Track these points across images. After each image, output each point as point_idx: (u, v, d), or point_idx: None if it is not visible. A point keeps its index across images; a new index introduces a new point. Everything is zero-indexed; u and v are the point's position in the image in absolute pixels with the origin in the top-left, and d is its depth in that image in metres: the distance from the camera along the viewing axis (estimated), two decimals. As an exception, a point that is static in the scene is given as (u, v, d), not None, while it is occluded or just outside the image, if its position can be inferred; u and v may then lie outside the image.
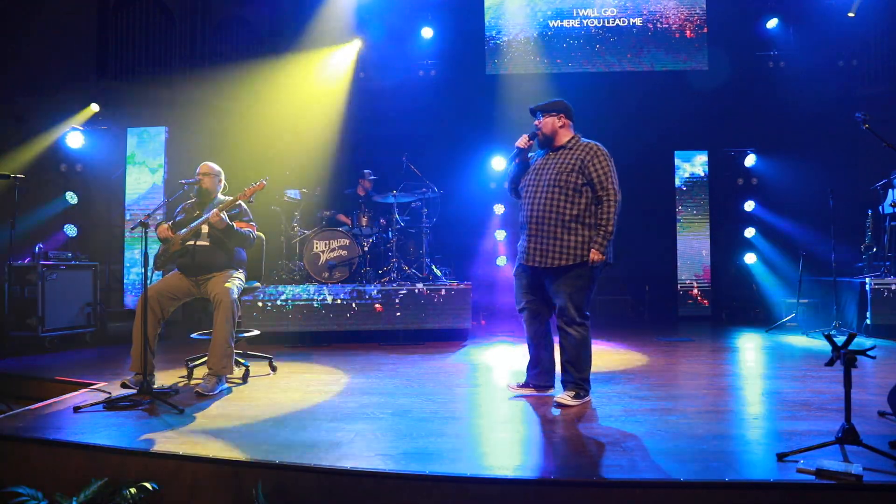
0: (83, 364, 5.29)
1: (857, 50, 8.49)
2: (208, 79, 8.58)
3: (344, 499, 2.64)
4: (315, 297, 6.34)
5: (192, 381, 4.39)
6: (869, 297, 6.37)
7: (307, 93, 8.76)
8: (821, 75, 8.37)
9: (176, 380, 4.49)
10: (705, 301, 8.41)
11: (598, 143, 3.80)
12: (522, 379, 4.04)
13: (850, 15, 8.02)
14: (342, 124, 8.85)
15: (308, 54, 8.81)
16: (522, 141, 3.89)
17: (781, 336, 6.55)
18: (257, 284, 4.86)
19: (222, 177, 4.62)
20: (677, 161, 8.56)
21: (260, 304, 6.28)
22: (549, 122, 3.83)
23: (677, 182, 8.55)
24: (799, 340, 6.23)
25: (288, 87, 8.69)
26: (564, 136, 3.85)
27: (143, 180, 7.61)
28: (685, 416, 3.44)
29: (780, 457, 2.64)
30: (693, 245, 8.48)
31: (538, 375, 3.94)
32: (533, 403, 3.84)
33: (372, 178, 7.49)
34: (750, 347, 6.05)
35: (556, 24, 8.80)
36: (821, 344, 5.83)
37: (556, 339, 3.84)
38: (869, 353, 2.69)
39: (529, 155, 3.98)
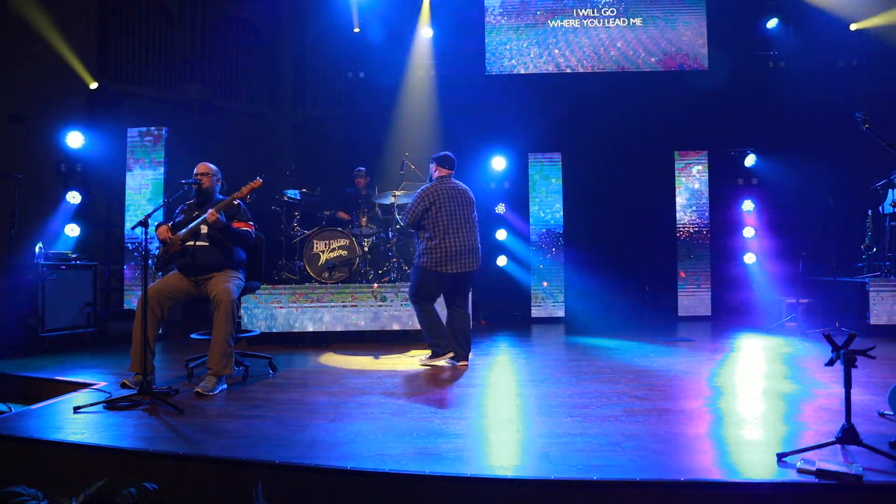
0: (83, 364, 5.29)
1: (857, 50, 8.49)
2: (208, 78, 8.58)
3: (344, 499, 2.64)
4: (315, 297, 6.34)
5: (192, 381, 4.39)
6: (869, 297, 6.37)
7: (306, 91, 8.77)
8: (821, 75, 8.37)
9: (176, 380, 4.49)
10: (705, 300, 8.39)
11: (428, 185, 5.07)
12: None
13: (853, 28, 8.08)
14: (342, 124, 8.86)
15: (307, 53, 8.82)
16: None
17: (781, 336, 6.55)
18: (257, 284, 4.86)
19: (220, 176, 4.62)
20: (677, 161, 8.56)
21: (260, 303, 6.28)
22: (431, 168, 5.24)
23: (677, 182, 8.55)
24: (798, 340, 6.23)
25: (287, 86, 8.70)
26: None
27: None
28: (685, 416, 3.44)
29: (780, 457, 2.64)
30: (693, 243, 8.48)
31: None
32: (533, 403, 3.84)
33: (362, 171, 7.49)
34: (749, 347, 6.04)
35: (556, 24, 8.80)
36: (820, 344, 5.82)
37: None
38: (869, 353, 2.69)
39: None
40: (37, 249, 6.30)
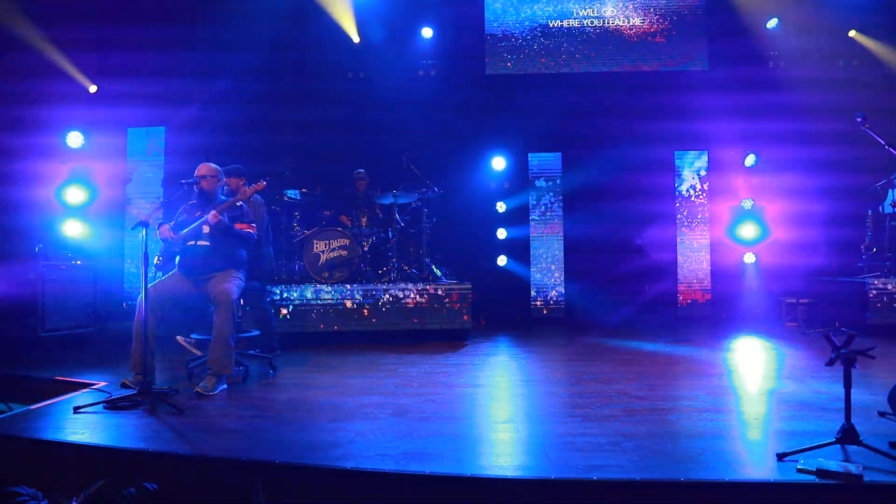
0: (83, 364, 5.29)
1: (857, 50, 8.49)
2: (208, 78, 8.58)
3: (344, 499, 2.64)
4: (315, 298, 6.34)
5: (192, 381, 4.39)
6: (869, 297, 6.37)
7: (307, 92, 8.76)
8: (821, 75, 8.36)
9: (176, 380, 4.49)
10: (705, 301, 8.40)
11: (257, 198, 5.34)
12: None
13: (851, 35, 8.12)
14: (342, 124, 8.84)
15: (307, 53, 8.82)
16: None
17: (781, 336, 6.55)
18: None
19: (221, 176, 4.62)
20: (677, 161, 8.56)
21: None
22: (233, 181, 5.26)
23: (677, 182, 8.55)
24: (798, 341, 6.23)
25: (287, 86, 8.69)
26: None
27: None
28: (685, 416, 3.44)
29: (780, 457, 2.64)
30: (693, 244, 8.48)
31: None
32: (533, 403, 3.84)
33: (362, 173, 7.49)
34: (750, 347, 6.04)
35: (556, 24, 8.80)
36: (820, 344, 5.82)
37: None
38: (869, 353, 2.69)
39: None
40: (36, 249, 6.30)
